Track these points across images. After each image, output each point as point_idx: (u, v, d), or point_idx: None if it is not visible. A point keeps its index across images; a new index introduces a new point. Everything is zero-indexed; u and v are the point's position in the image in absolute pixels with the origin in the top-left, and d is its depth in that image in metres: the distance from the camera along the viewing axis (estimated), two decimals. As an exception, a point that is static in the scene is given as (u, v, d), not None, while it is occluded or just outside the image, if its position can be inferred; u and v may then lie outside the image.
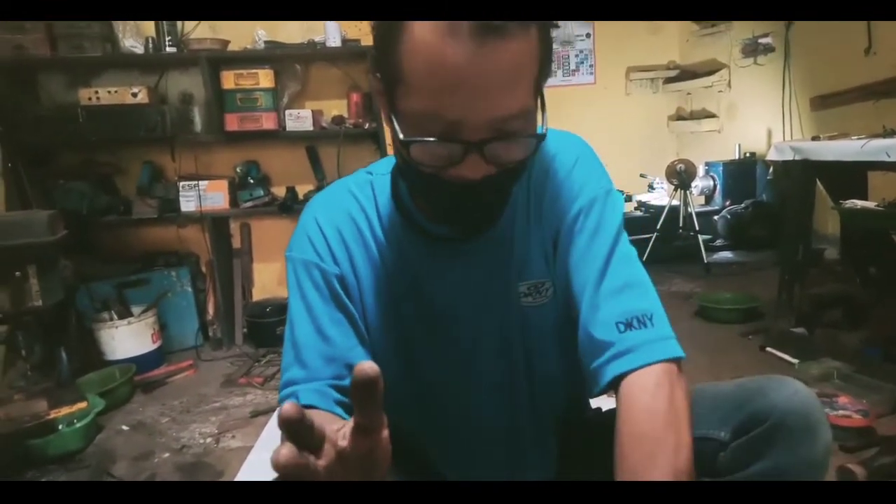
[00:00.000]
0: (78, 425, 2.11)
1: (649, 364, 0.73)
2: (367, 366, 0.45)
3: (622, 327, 0.76)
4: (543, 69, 0.69)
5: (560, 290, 0.86)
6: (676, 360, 0.75)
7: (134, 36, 3.00)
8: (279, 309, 3.19)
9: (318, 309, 0.84)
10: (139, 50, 3.00)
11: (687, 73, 5.64)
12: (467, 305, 0.87)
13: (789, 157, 2.94)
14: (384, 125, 0.77)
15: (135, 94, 2.93)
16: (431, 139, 0.67)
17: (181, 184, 3.10)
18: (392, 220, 0.87)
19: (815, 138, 3.15)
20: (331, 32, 3.02)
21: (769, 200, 4.59)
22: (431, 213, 0.83)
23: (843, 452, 1.80)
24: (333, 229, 0.87)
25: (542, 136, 0.71)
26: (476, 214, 0.79)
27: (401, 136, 0.69)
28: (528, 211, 0.86)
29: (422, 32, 0.64)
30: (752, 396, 0.80)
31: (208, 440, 2.19)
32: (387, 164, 0.91)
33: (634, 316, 0.76)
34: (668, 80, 5.75)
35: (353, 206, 0.88)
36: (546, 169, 0.86)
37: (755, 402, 0.79)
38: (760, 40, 4.74)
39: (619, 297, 0.78)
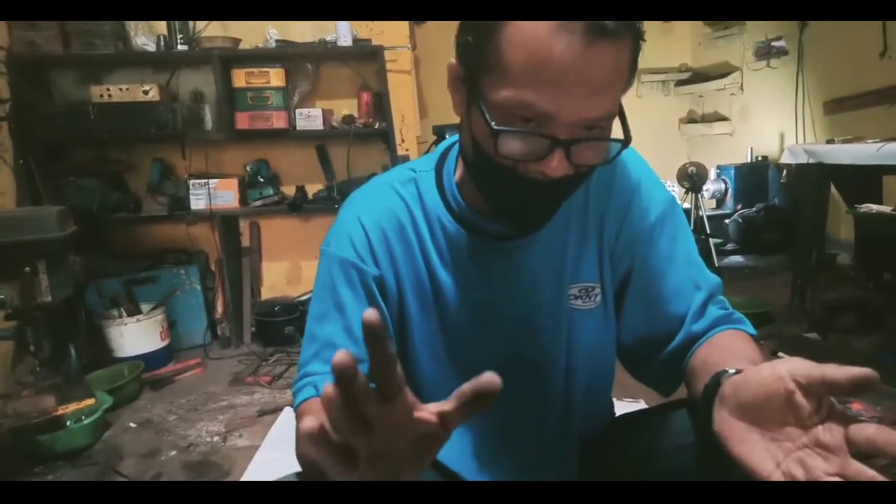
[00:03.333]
0: (86, 422, 2.11)
1: (747, 332, 0.83)
2: (372, 313, 0.42)
3: (722, 304, 0.87)
4: (630, 77, 0.70)
5: (609, 297, 0.90)
6: None
7: (146, 34, 3.00)
8: (288, 308, 3.18)
9: (349, 308, 0.83)
10: (151, 48, 3.01)
11: (699, 76, 5.61)
12: (515, 303, 0.87)
13: (803, 160, 2.91)
14: (463, 112, 0.75)
15: (146, 92, 2.93)
16: (524, 130, 0.67)
17: (191, 182, 3.11)
18: (439, 217, 0.86)
19: (829, 141, 3.13)
20: (342, 32, 3.01)
21: (781, 204, 4.55)
22: (493, 207, 0.81)
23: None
24: (377, 228, 0.86)
25: (627, 143, 0.72)
26: (541, 212, 0.79)
27: (493, 124, 0.67)
28: (586, 216, 0.87)
29: (533, 24, 0.63)
30: None
31: (215, 439, 2.19)
32: (427, 161, 0.91)
33: (724, 302, 0.87)
34: (680, 83, 5.72)
35: (397, 203, 0.87)
36: (609, 179, 0.87)
37: None
38: (773, 43, 4.71)
39: (711, 290, 0.87)
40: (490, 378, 0.45)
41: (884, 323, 2.72)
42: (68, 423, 2.08)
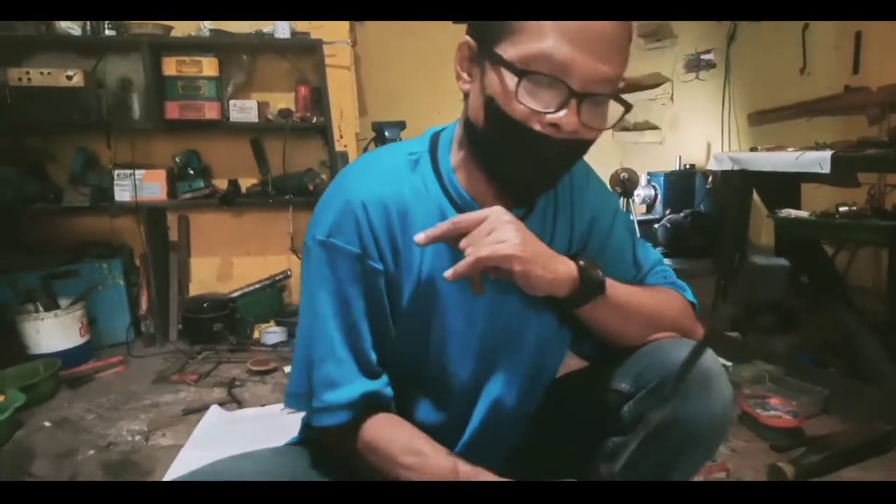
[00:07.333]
0: (-6, 421, 1.99)
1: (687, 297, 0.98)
2: None
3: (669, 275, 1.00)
4: (628, 52, 0.76)
5: None
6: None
7: (71, 17, 2.86)
8: (217, 305, 3.09)
9: (355, 304, 0.84)
10: (76, 32, 2.86)
11: (631, 86, 5.77)
12: (493, 285, 0.88)
13: (728, 167, 3.02)
14: (471, 83, 0.83)
15: (69, 77, 2.78)
16: (544, 74, 0.71)
17: (116, 172, 2.97)
18: (439, 204, 0.86)
19: (752, 149, 3.26)
20: (280, 24, 2.95)
21: (707, 210, 4.73)
22: (498, 174, 0.83)
23: (774, 451, 1.86)
24: (380, 215, 0.83)
25: (630, 106, 0.77)
26: (544, 178, 0.83)
27: (516, 65, 0.72)
28: (568, 207, 0.95)
29: None
30: (654, 353, 0.88)
31: (137, 438, 2.10)
32: (421, 143, 0.91)
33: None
34: (615, 92, 5.86)
35: (405, 187, 0.86)
36: (570, 177, 0.95)
37: (655, 357, 0.87)
38: (703, 56, 4.90)
39: (659, 267, 1.01)
40: None
41: (800, 323, 2.86)
42: (-26, 423, 1.95)
